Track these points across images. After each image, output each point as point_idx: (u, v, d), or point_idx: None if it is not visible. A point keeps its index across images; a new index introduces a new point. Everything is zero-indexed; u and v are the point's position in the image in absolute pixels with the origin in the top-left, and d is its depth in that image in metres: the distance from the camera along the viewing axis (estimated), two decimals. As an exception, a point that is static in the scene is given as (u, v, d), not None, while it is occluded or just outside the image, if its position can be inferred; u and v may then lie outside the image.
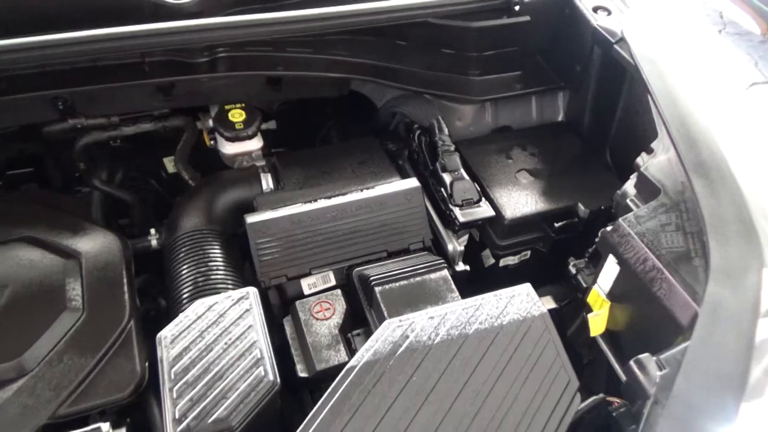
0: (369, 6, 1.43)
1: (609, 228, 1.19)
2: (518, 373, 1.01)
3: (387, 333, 1.03)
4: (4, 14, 1.32)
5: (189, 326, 1.06)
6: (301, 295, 1.33)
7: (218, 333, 1.04)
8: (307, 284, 1.35)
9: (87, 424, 1.07)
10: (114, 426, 1.08)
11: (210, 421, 0.94)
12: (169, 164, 1.95)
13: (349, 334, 1.26)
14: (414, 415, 0.95)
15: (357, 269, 1.33)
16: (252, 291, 1.12)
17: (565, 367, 1.03)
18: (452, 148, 1.48)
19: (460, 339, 1.03)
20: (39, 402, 1.07)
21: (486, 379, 1.00)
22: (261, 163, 1.58)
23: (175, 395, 0.96)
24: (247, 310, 1.08)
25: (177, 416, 0.94)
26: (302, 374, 1.18)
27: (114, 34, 1.30)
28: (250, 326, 1.06)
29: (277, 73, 1.54)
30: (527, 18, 1.57)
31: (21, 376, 1.09)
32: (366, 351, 1.00)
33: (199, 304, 1.09)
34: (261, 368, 1.00)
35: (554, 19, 1.62)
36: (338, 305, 1.28)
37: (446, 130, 1.51)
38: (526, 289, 1.11)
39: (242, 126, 1.49)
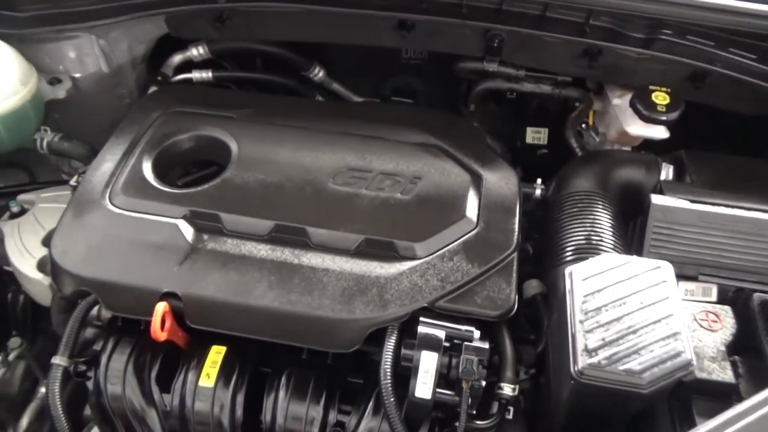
0: None
1: None
2: None
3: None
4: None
5: (602, 272, 1.02)
6: (672, 297, 1.22)
7: (633, 290, 0.99)
8: (684, 288, 1.23)
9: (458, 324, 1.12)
10: (481, 337, 1.11)
11: (622, 368, 0.89)
12: (530, 134, 1.99)
13: (734, 357, 1.11)
14: None
15: (757, 294, 1.16)
16: (667, 264, 1.05)
17: None
18: None
19: None
20: (426, 285, 1.15)
21: None
22: None
23: (586, 328, 0.94)
24: (664, 281, 1.01)
25: (588, 348, 0.91)
26: (678, 375, 1.08)
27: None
28: (667, 297, 0.99)
29: (710, 67, 1.43)
30: None
31: (415, 258, 1.19)
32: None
33: (613, 257, 1.06)
34: (679, 342, 0.92)
35: None
36: (727, 321, 1.14)
37: None
38: None
39: (664, 109, 1.42)
